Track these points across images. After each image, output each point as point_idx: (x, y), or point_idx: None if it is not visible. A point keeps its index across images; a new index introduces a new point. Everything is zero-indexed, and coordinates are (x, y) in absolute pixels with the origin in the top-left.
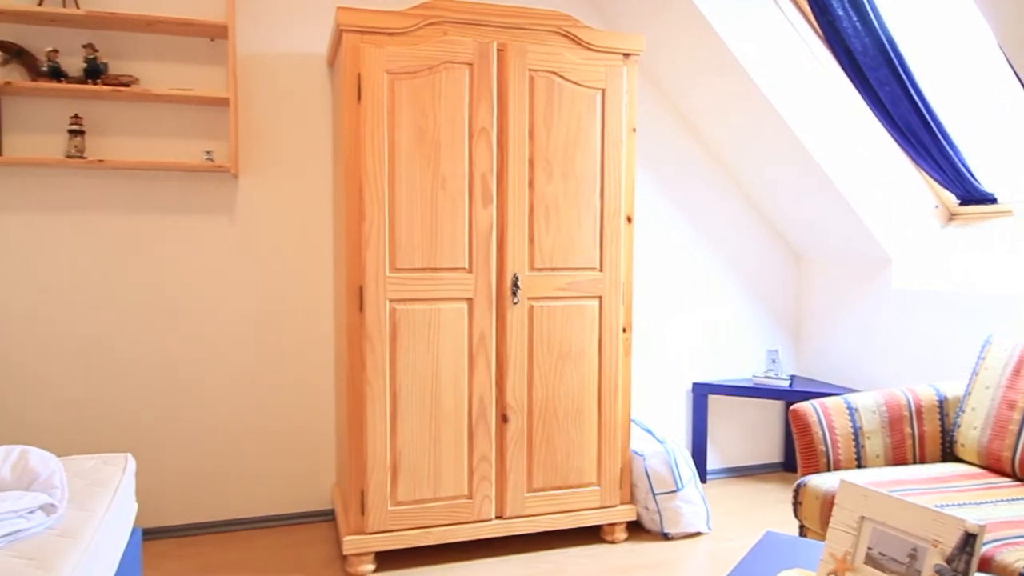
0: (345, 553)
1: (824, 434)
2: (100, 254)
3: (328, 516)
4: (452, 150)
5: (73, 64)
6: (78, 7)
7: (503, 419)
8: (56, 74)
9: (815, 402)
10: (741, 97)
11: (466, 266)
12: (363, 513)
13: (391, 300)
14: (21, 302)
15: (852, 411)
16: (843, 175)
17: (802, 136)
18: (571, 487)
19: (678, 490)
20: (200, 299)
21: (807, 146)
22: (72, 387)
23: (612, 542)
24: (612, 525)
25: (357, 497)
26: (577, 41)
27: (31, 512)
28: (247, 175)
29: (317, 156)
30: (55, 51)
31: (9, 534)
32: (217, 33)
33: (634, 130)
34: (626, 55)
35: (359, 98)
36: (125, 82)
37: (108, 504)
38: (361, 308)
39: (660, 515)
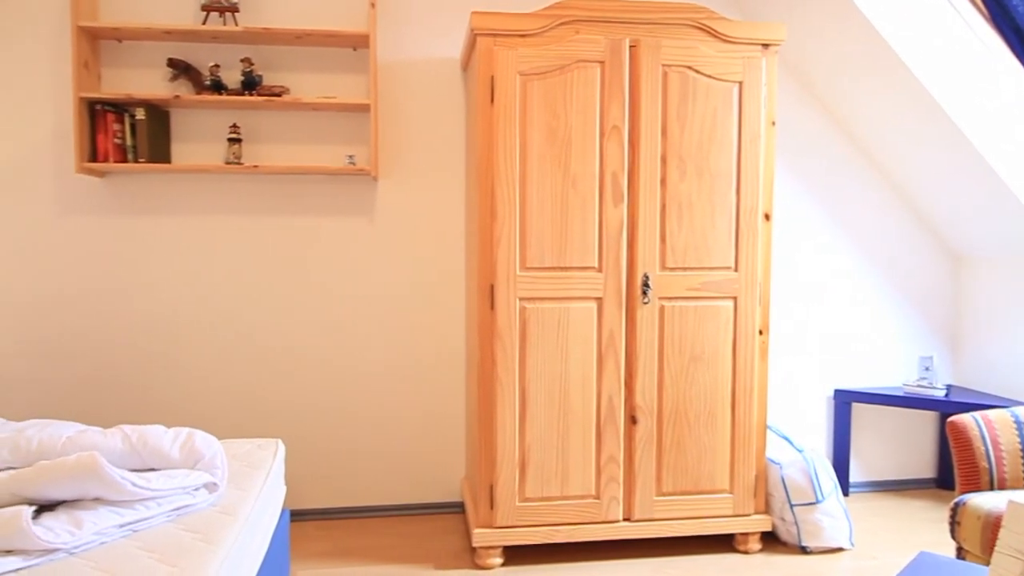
0: (474, 545)
1: (987, 449)
2: (254, 253)
3: (457, 508)
4: (583, 149)
5: (232, 77)
6: (236, 24)
7: (632, 420)
8: (218, 87)
9: (977, 414)
10: (893, 83)
11: (596, 265)
12: (492, 507)
13: (521, 298)
14: (186, 297)
15: (1020, 425)
16: (1008, 166)
17: (960, 122)
18: (702, 493)
19: (818, 502)
20: (341, 296)
21: (966, 133)
22: (229, 376)
23: (745, 552)
24: (745, 535)
25: (486, 491)
26: (713, 33)
27: (196, 489)
28: (386, 177)
29: (450, 158)
30: (217, 66)
31: (177, 508)
32: (359, 43)
33: (773, 123)
34: (765, 45)
35: (492, 100)
36: (277, 92)
37: (262, 485)
38: (492, 306)
39: (798, 527)
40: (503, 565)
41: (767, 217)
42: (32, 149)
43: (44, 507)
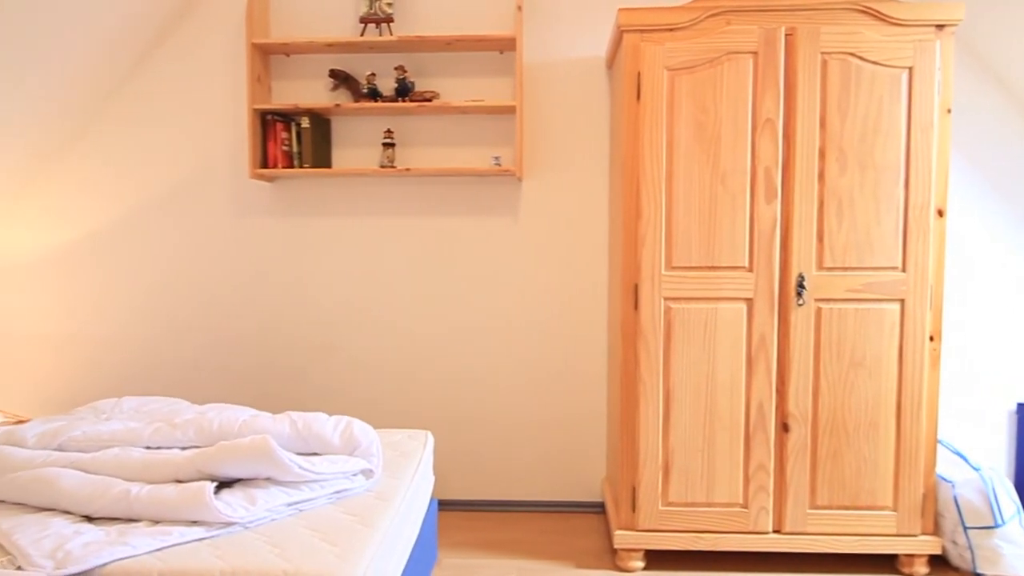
0: (615, 547)
1: None
2: (405, 252)
3: (598, 508)
4: (733, 144)
5: (386, 85)
6: (392, 34)
7: (784, 428)
8: (374, 95)
9: None
10: None
11: (746, 264)
12: (634, 510)
13: (666, 298)
14: (344, 293)
15: None
16: None
17: None
18: (861, 508)
19: (997, 526)
20: (487, 293)
21: None
22: (382, 369)
23: (910, 575)
24: (911, 557)
25: (628, 493)
26: (879, 16)
27: (354, 475)
28: (530, 178)
29: (594, 157)
30: (373, 74)
31: (337, 492)
32: (506, 46)
33: (949, 111)
34: (940, 26)
35: (638, 96)
36: (428, 97)
37: (413, 474)
38: (636, 306)
39: (972, 552)
40: (645, 569)
41: (940, 213)
42: (212, 157)
43: (223, 484)
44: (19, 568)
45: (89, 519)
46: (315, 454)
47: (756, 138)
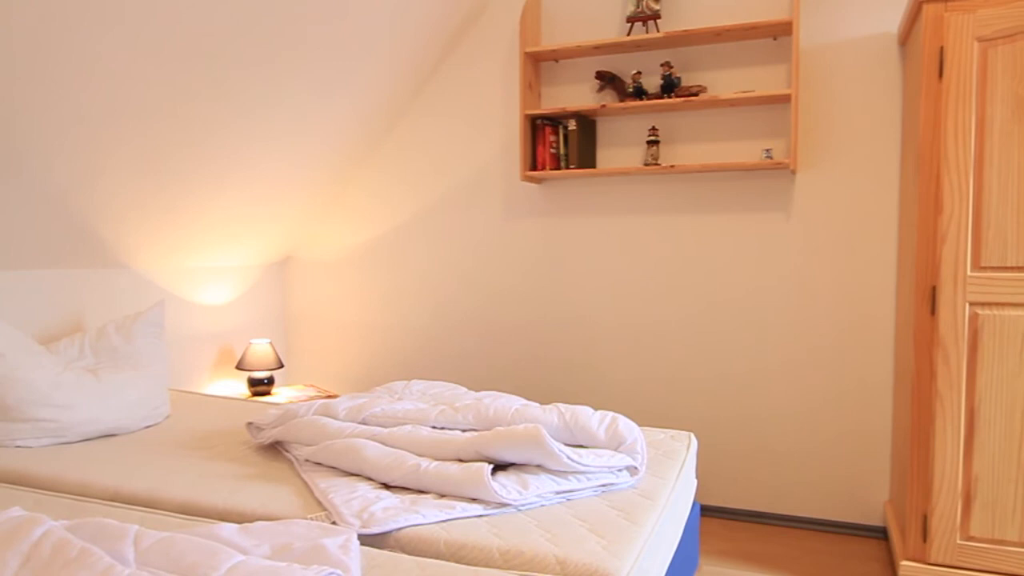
0: None
1: None
2: (669, 249)
3: (877, 533)
4: None
5: (651, 82)
6: (658, 31)
7: None
8: (639, 93)
9: None
10: None
11: None
12: (925, 540)
13: (971, 303)
14: (608, 290)
15: None
16: None
17: None
18: None
19: None
20: (755, 294)
21: None
22: (644, 366)
23: None
24: None
25: (918, 521)
26: None
27: (620, 470)
28: (805, 170)
29: (881, 145)
30: (639, 73)
31: (603, 485)
32: (780, 31)
33: None
34: None
35: (940, 74)
36: (695, 92)
37: (677, 475)
38: (933, 311)
39: None
40: None
41: None
42: (486, 163)
43: (498, 466)
44: (333, 523)
45: (387, 487)
46: (580, 446)
47: None
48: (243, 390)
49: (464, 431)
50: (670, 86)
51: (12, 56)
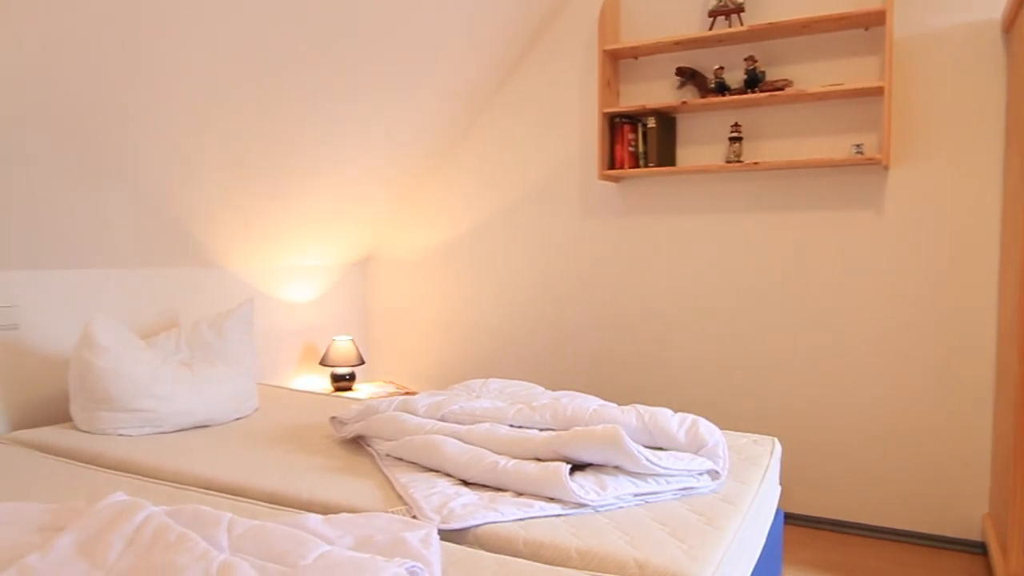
0: None
1: None
2: (751, 249)
3: (975, 548)
4: None
5: (734, 77)
6: (742, 24)
7: None
8: (721, 89)
9: None
10: None
11: None
12: None
13: None
14: (687, 289)
15: None
16: None
17: None
18: None
19: None
20: (841, 294)
21: None
22: (723, 368)
23: None
24: None
25: (1021, 536)
26: None
27: (700, 474)
28: (898, 166)
29: (983, 139)
30: (721, 68)
31: (683, 489)
32: (872, 21)
33: None
34: None
35: None
36: (780, 86)
37: (760, 481)
38: None
39: None
40: None
41: None
42: (564, 162)
43: (576, 466)
44: (414, 517)
45: (465, 483)
46: (659, 448)
47: None
48: (326, 385)
49: (541, 430)
50: (754, 81)
51: (115, 68)
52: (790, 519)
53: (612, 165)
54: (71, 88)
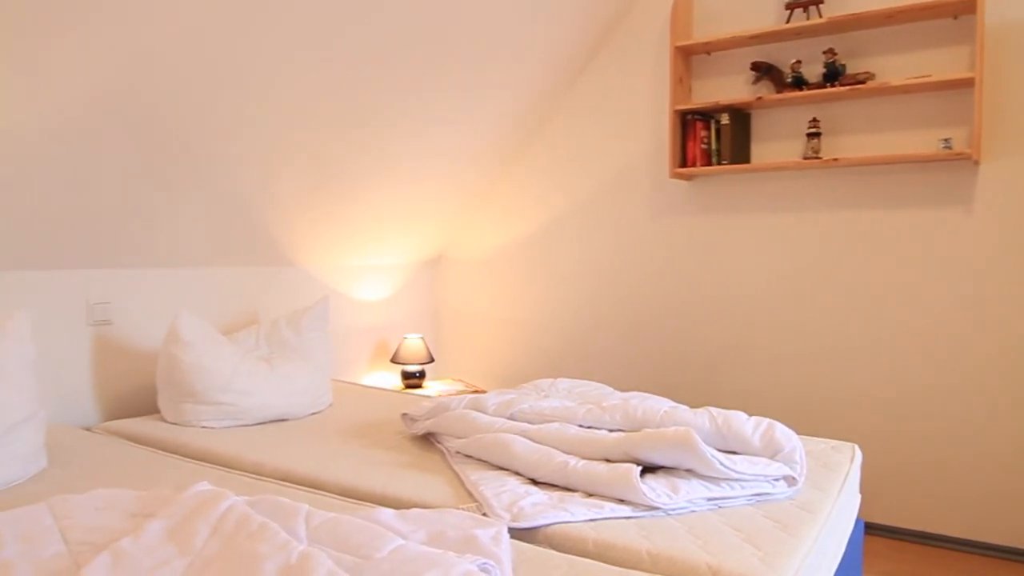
0: None
1: None
2: (830, 248)
3: None
4: None
5: (812, 71)
6: (820, 16)
7: None
8: (799, 83)
9: None
10: None
11: None
12: None
13: None
14: (762, 291)
15: None
16: None
17: None
18: None
19: None
20: (928, 297)
21: None
22: (800, 372)
23: None
24: None
25: None
26: None
27: (776, 480)
28: (990, 161)
29: None
30: (798, 62)
31: (757, 494)
32: (961, 9)
33: None
34: None
35: None
36: (861, 80)
37: (839, 488)
38: None
39: None
40: None
41: None
42: (634, 159)
43: (646, 468)
44: (484, 514)
45: (534, 482)
46: (733, 452)
47: None
48: (396, 382)
49: (611, 431)
50: (834, 74)
51: (199, 78)
52: (871, 529)
53: (684, 163)
54: (159, 100)
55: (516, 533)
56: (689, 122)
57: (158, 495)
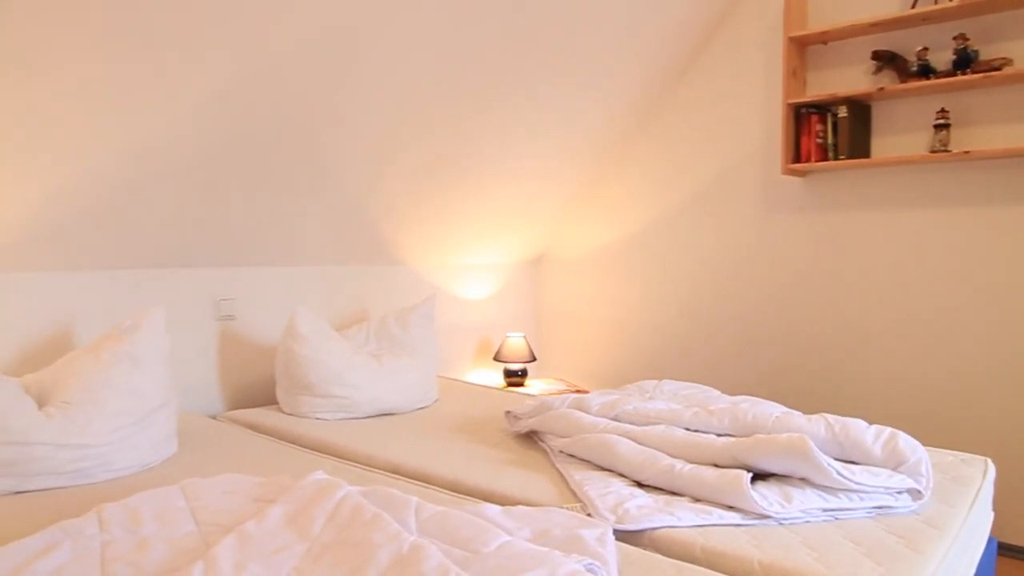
0: None
1: None
2: (961, 247)
3: None
4: None
5: (939, 58)
6: (950, 0)
7: None
8: (925, 71)
9: None
10: None
11: None
12: None
13: None
14: (883, 292)
15: None
16: None
17: None
18: None
19: None
20: None
21: None
22: (924, 379)
23: None
24: None
25: None
26: None
27: (899, 493)
28: None
29: None
30: (925, 49)
31: (878, 507)
32: None
33: None
34: None
35: None
36: (997, 66)
37: (970, 504)
38: None
39: None
40: None
41: None
42: (742, 156)
43: (757, 475)
44: (588, 515)
45: (639, 485)
46: (852, 462)
47: None
48: (499, 380)
49: (719, 435)
50: (965, 61)
51: (320, 85)
52: (1004, 550)
53: (797, 159)
54: (283, 102)
55: (620, 535)
56: (803, 116)
57: (278, 481)
